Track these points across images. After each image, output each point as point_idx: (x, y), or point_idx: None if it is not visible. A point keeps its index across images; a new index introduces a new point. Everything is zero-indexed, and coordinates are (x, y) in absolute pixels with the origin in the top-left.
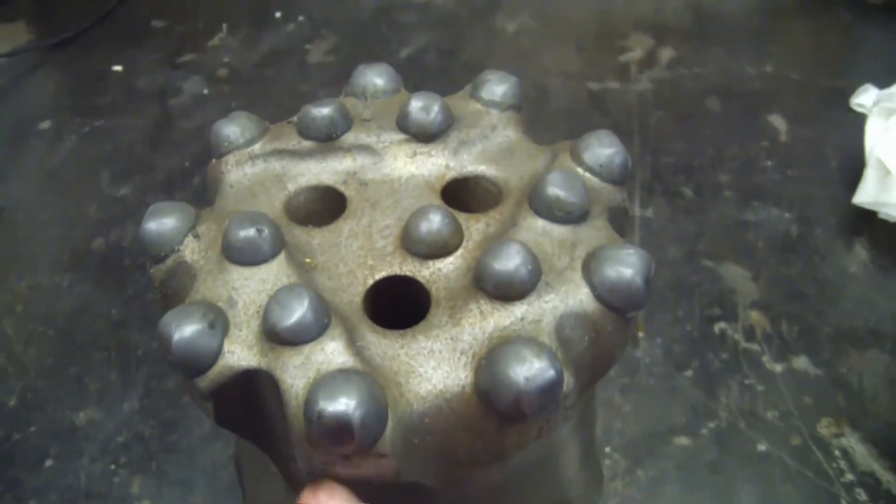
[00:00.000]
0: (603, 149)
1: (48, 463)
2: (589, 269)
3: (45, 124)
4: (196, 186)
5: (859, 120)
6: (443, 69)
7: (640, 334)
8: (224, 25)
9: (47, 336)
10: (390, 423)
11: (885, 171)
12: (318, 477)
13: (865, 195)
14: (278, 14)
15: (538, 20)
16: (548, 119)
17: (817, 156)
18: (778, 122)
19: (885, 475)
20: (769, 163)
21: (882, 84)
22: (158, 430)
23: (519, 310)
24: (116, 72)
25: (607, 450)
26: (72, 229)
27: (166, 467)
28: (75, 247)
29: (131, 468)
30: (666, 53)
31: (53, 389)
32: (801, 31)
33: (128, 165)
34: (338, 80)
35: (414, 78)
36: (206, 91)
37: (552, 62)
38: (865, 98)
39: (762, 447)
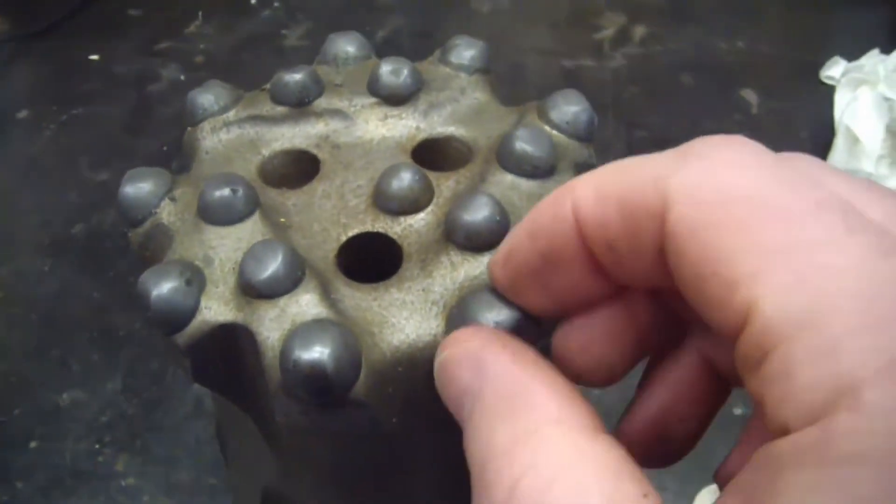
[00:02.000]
0: (569, 106)
1: (33, 444)
2: None
3: (24, 113)
4: (176, 170)
5: (829, 92)
6: (418, 51)
7: None
8: (200, 13)
9: (30, 320)
10: (364, 372)
11: (854, 140)
12: (296, 430)
13: (836, 163)
14: (254, 0)
15: (512, 0)
16: (523, 97)
17: (789, 127)
18: (750, 95)
19: None
20: (742, 135)
21: (851, 57)
22: (142, 409)
23: (488, 259)
24: (94, 60)
25: None
26: (52, 215)
27: (150, 445)
28: (56, 232)
29: (116, 447)
30: (639, 31)
31: (37, 372)
32: (772, 6)
33: (107, 152)
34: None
35: None
36: (183, 77)
37: (526, 41)
38: (835, 70)
39: (738, 411)
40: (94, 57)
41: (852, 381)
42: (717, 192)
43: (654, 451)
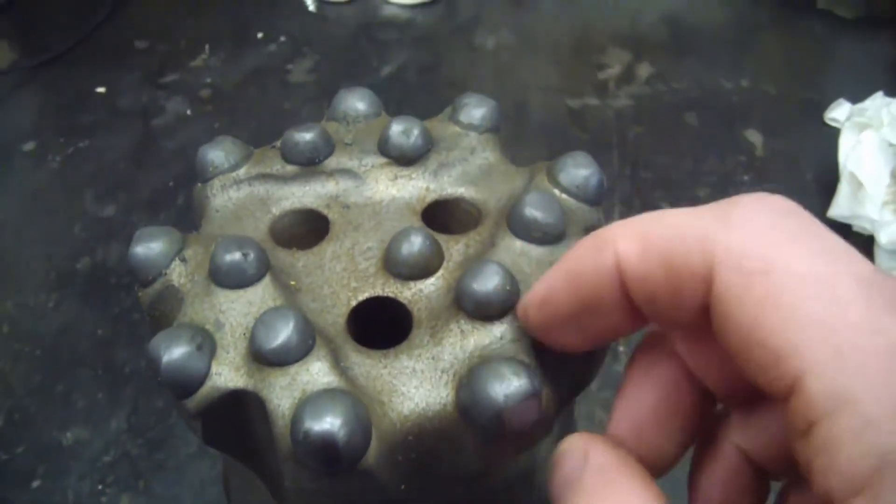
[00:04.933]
0: (579, 170)
1: (36, 483)
2: None
3: (30, 145)
4: (180, 206)
5: (833, 133)
6: (423, 87)
7: (621, 348)
8: (206, 46)
9: (34, 355)
10: (374, 441)
11: (858, 185)
12: (304, 495)
13: (839, 209)
14: (260, 34)
15: (517, 36)
16: (527, 135)
17: (793, 169)
18: (754, 136)
19: None
20: (746, 177)
21: (855, 97)
22: (146, 449)
23: (498, 329)
24: (99, 92)
25: None
26: (57, 249)
27: (154, 485)
28: (61, 266)
29: (119, 486)
30: (644, 69)
31: (40, 408)
32: (775, 44)
33: (112, 185)
34: (319, 99)
35: (395, 96)
36: (188, 111)
37: (531, 78)
38: (839, 112)
39: None
40: (101, 89)
41: (893, 457)
42: (763, 262)
43: None
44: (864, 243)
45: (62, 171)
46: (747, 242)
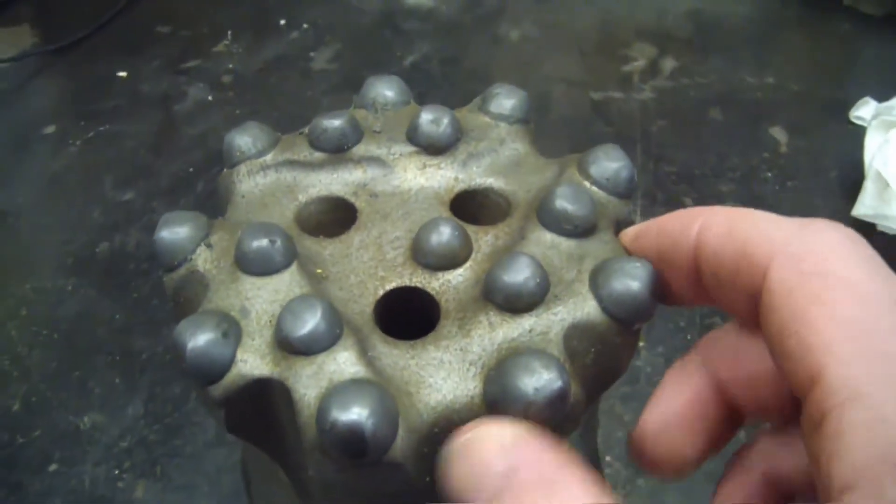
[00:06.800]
0: (610, 162)
1: (52, 467)
2: (596, 281)
3: (50, 129)
4: (200, 193)
5: (859, 132)
6: (446, 77)
7: (641, 344)
8: (229, 32)
9: (51, 340)
10: (401, 433)
11: (884, 185)
12: (328, 486)
13: (864, 208)
14: (282, 21)
15: (541, 28)
16: (550, 128)
17: (817, 167)
18: (778, 133)
19: None
20: (770, 174)
21: (881, 96)
22: (162, 435)
23: (527, 321)
24: (121, 77)
25: (608, 459)
26: (76, 234)
27: (170, 472)
28: (79, 251)
29: (135, 473)
30: (668, 63)
31: (57, 393)
32: (800, 41)
33: (132, 171)
34: (341, 88)
35: (417, 86)
36: (210, 97)
37: (555, 71)
38: (865, 111)
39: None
40: (122, 73)
41: None
42: (817, 265)
43: None
44: (888, 242)
45: (82, 156)
46: (811, 251)
